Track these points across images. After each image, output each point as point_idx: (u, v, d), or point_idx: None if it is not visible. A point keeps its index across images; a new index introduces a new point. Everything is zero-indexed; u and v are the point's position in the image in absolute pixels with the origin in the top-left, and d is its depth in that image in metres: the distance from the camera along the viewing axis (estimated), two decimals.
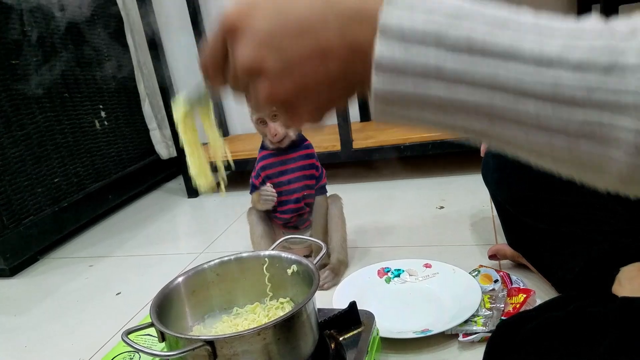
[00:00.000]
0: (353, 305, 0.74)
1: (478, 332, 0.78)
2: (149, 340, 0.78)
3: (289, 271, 0.72)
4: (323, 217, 1.11)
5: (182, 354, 0.57)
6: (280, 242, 0.78)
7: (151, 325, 0.63)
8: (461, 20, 0.27)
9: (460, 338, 0.79)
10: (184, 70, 2.18)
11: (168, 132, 2.01)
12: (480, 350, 0.77)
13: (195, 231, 1.62)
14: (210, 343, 0.57)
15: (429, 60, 0.27)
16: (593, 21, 0.27)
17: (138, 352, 0.77)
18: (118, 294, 1.20)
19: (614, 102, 0.25)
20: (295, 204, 1.10)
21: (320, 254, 0.73)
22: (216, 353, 0.57)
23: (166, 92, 1.77)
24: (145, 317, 0.93)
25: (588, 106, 0.25)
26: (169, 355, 0.59)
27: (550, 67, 0.26)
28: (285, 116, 0.32)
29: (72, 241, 1.62)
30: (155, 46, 1.70)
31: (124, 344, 0.80)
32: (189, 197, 1.89)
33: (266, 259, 0.74)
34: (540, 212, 0.80)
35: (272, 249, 0.76)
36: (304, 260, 0.71)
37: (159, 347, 0.70)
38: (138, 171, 1.95)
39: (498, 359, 0.46)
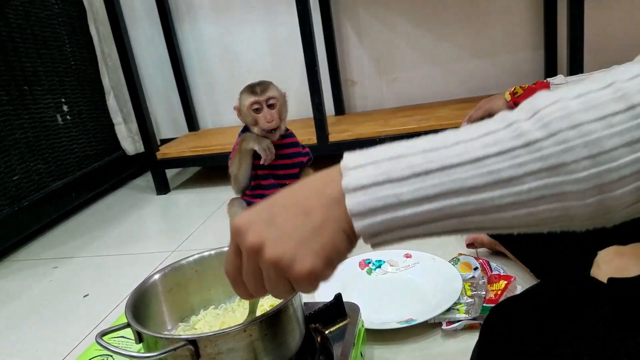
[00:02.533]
0: (338, 297, 0.72)
1: (461, 320, 0.78)
2: (123, 342, 0.74)
3: None
4: None
5: (163, 355, 0.54)
6: None
7: (127, 326, 0.60)
8: (399, 158, 0.35)
9: (444, 326, 0.78)
10: (150, 61, 2.11)
11: (134, 126, 1.93)
12: (464, 338, 0.78)
13: (166, 229, 1.57)
14: (193, 342, 0.54)
15: (388, 194, 0.34)
16: (497, 119, 0.34)
17: (112, 356, 0.73)
18: (85, 296, 1.14)
19: (544, 167, 0.31)
20: None
21: None
22: (199, 352, 0.54)
23: (132, 85, 1.70)
24: (116, 319, 0.89)
25: (526, 177, 0.31)
26: (148, 357, 0.55)
27: (480, 163, 0.32)
28: (292, 273, 0.37)
29: (34, 242, 1.54)
30: (120, 36, 1.63)
31: (96, 348, 0.77)
32: (158, 194, 1.83)
33: None
34: None
35: None
36: None
37: (135, 349, 0.66)
38: (103, 168, 1.87)
39: (493, 344, 0.46)
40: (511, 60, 1.84)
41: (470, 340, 0.76)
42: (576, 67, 1.43)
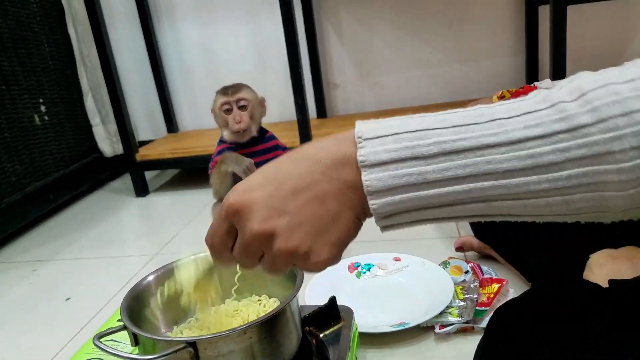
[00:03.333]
0: (333, 300, 0.72)
1: (454, 323, 0.78)
2: (115, 345, 0.72)
3: None
4: None
5: (163, 357, 0.53)
6: None
7: (123, 328, 0.58)
8: (425, 132, 0.31)
9: (437, 330, 0.79)
10: (129, 61, 2.07)
11: (113, 127, 1.90)
12: (457, 342, 0.78)
13: (147, 232, 1.54)
14: (193, 344, 0.53)
15: (411, 172, 0.31)
16: (538, 97, 0.31)
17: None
18: (68, 299, 1.11)
19: (588, 154, 0.28)
20: None
21: None
22: (199, 355, 0.54)
23: (112, 86, 1.66)
24: (103, 323, 0.87)
25: (568, 163, 0.29)
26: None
27: (519, 145, 0.29)
28: (307, 263, 0.35)
29: (11, 245, 1.49)
30: (100, 37, 1.60)
31: (86, 352, 0.75)
32: (136, 197, 1.80)
33: None
34: None
35: None
36: None
37: (128, 352, 0.65)
38: (81, 169, 1.83)
39: (496, 348, 0.46)
40: (492, 65, 1.88)
41: (464, 343, 0.77)
42: (559, 72, 1.46)
